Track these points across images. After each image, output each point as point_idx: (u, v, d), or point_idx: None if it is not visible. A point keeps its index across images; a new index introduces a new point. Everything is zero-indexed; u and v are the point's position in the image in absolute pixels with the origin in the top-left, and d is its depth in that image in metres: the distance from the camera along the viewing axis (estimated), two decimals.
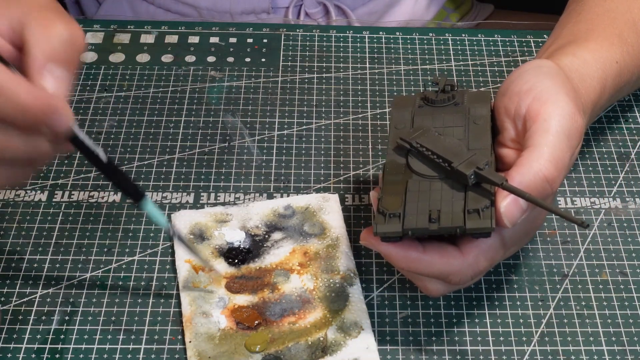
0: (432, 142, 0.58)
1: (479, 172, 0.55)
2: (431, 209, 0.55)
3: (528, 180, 0.55)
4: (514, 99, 0.59)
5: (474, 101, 0.62)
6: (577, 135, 0.58)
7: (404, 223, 0.55)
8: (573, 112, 0.58)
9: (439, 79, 0.63)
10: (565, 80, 0.61)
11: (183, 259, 0.64)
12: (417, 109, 0.62)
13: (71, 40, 0.52)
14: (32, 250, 0.66)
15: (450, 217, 0.54)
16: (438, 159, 0.57)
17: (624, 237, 0.68)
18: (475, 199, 0.55)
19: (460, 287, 0.60)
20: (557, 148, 0.56)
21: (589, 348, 0.61)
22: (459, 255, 0.56)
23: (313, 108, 0.79)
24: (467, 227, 0.54)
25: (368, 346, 0.59)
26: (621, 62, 0.68)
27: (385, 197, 0.56)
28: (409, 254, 0.56)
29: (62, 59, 0.52)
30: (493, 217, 0.54)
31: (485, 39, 0.86)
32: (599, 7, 0.72)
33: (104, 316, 0.62)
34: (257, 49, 0.84)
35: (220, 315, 0.61)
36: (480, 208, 0.54)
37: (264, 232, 0.66)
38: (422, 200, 0.56)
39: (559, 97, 0.58)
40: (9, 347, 0.60)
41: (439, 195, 0.56)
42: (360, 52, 0.85)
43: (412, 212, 0.55)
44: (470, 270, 0.57)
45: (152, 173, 0.72)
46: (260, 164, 0.73)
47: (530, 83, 0.60)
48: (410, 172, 0.58)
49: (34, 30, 0.52)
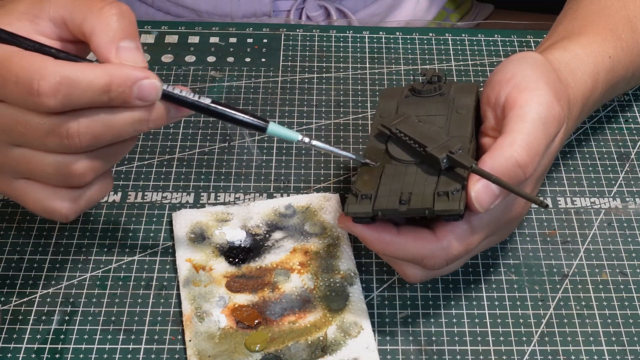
0: (411, 128, 0.59)
1: (451, 155, 0.56)
2: (403, 191, 0.56)
3: (499, 165, 0.55)
4: (495, 88, 0.60)
5: (460, 92, 0.63)
6: (554, 123, 0.58)
7: (375, 204, 0.56)
8: (551, 100, 0.58)
9: (426, 71, 0.64)
10: (548, 71, 0.61)
11: (183, 258, 0.64)
12: (403, 99, 0.64)
13: (122, 14, 0.54)
14: (32, 250, 0.66)
15: (420, 199, 0.55)
16: (415, 144, 0.58)
17: (624, 237, 0.68)
18: (446, 182, 0.56)
19: (436, 273, 0.60)
20: (531, 134, 0.56)
21: (589, 348, 0.61)
22: (433, 239, 0.57)
23: (313, 108, 0.79)
24: (436, 209, 0.54)
25: (368, 346, 0.59)
26: (614, 57, 0.68)
27: (360, 179, 0.58)
28: (382, 236, 0.57)
29: (124, 33, 0.53)
30: (462, 200, 0.55)
31: (485, 39, 0.86)
32: (595, 4, 0.72)
33: (104, 316, 0.62)
34: (257, 49, 0.84)
35: (221, 315, 0.61)
36: (450, 191, 0.55)
37: (264, 232, 0.66)
38: (395, 183, 0.57)
39: (538, 86, 0.58)
40: (9, 347, 0.60)
41: (412, 178, 0.57)
42: (360, 52, 0.85)
43: (384, 194, 0.56)
44: (443, 254, 0.57)
45: (152, 173, 0.72)
46: (260, 164, 0.73)
47: (512, 72, 0.60)
48: (388, 158, 0.59)
49: (88, 20, 0.53)
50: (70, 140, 0.52)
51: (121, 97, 0.51)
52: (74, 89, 0.50)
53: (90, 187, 0.55)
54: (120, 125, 0.53)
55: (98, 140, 0.52)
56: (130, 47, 0.53)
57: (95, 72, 0.51)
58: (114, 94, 0.51)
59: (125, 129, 0.53)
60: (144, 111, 0.53)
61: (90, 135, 0.52)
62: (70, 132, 0.51)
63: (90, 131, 0.52)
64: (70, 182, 0.54)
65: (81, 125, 0.52)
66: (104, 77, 0.51)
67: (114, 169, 0.72)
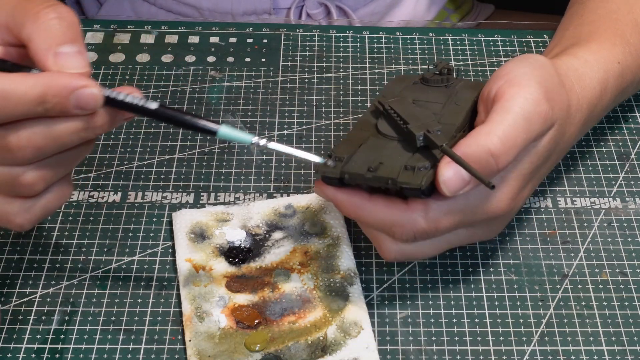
0: (402, 107, 0.61)
1: (427, 134, 0.57)
2: (375, 160, 0.57)
3: (471, 151, 0.55)
4: (490, 84, 0.60)
5: (465, 87, 0.64)
6: (538, 121, 0.58)
7: (344, 166, 0.57)
8: (539, 98, 0.58)
9: (439, 62, 0.65)
10: (547, 72, 0.61)
11: (183, 258, 0.64)
12: (410, 85, 0.65)
13: (61, 17, 0.52)
14: (32, 250, 0.66)
15: (387, 170, 0.56)
16: (400, 120, 0.59)
17: (624, 237, 0.68)
18: (418, 159, 0.57)
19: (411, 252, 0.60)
20: (510, 127, 0.56)
21: (589, 348, 0.61)
22: (403, 208, 0.57)
23: (313, 108, 0.79)
24: (398, 180, 0.56)
25: (368, 346, 0.59)
26: (623, 63, 0.68)
27: (341, 144, 0.59)
28: (353, 199, 0.58)
29: (64, 37, 0.51)
30: (426, 177, 0.55)
31: (485, 39, 0.86)
32: (601, 8, 0.72)
33: (104, 316, 0.62)
34: (257, 49, 0.84)
35: (221, 315, 0.61)
36: (417, 166, 0.56)
37: (264, 232, 0.66)
38: (371, 154, 0.58)
39: (529, 83, 0.58)
40: (9, 347, 0.60)
41: (389, 152, 0.58)
42: (360, 52, 0.85)
43: (357, 160, 0.58)
44: (411, 225, 0.57)
45: (152, 173, 0.72)
46: (260, 164, 0.73)
47: (508, 69, 0.60)
48: (375, 132, 0.61)
49: (26, 25, 0.52)
50: (12, 154, 0.50)
51: (57, 107, 0.50)
52: (6, 102, 0.49)
53: (45, 196, 0.54)
54: (63, 135, 0.51)
55: (42, 151, 0.51)
56: (69, 52, 0.51)
57: (28, 82, 0.49)
58: (50, 104, 0.50)
59: (70, 138, 0.51)
60: (86, 120, 0.51)
61: (32, 147, 0.50)
62: (10, 145, 0.50)
63: (31, 143, 0.50)
64: (21, 193, 0.53)
65: (21, 138, 0.50)
66: (38, 88, 0.49)
67: (113, 169, 0.72)
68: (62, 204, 0.56)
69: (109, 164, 0.73)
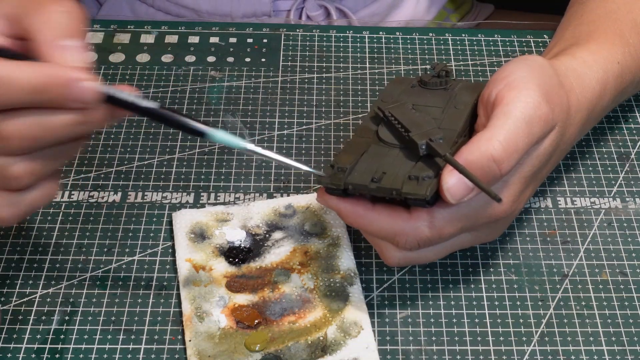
0: (402, 114, 0.60)
1: (429, 143, 0.57)
2: (378, 170, 0.57)
3: (474, 158, 0.55)
4: (489, 87, 0.60)
5: (464, 89, 0.64)
6: (539, 124, 0.58)
7: (348, 177, 0.57)
8: (538, 101, 0.58)
9: (436, 64, 0.65)
10: (546, 74, 0.61)
11: (183, 258, 0.64)
12: (408, 88, 0.64)
13: (68, 11, 0.52)
14: (32, 250, 0.66)
15: (391, 180, 0.56)
16: (401, 128, 0.59)
17: (624, 237, 0.68)
18: (421, 168, 0.57)
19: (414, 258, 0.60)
20: (511, 132, 0.56)
21: (589, 348, 0.61)
22: (406, 217, 0.57)
23: (313, 108, 0.79)
24: (403, 191, 0.55)
25: (368, 346, 0.59)
26: (623, 63, 0.68)
27: (342, 153, 0.59)
28: (356, 209, 0.58)
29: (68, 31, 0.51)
30: (431, 187, 0.55)
31: (485, 39, 0.86)
32: (601, 8, 0.72)
33: (104, 316, 0.62)
34: (257, 49, 0.84)
35: (220, 315, 0.61)
36: (421, 176, 0.56)
37: (264, 232, 0.66)
38: (374, 163, 0.58)
39: (528, 86, 0.58)
40: (9, 347, 0.60)
41: (391, 160, 0.58)
42: (360, 52, 0.85)
43: (359, 169, 0.58)
44: (415, 234, 0.57)
45: (152, 173, 0.72)
46: (260, 164, 0.73)
47: (508, 72, 0.60)
48: (376, 139, 0.60)
49: (32, 16, 0.52)
50: (5, 142, 0.50)
51: (57, 98, 0.50)
52: (8, 88, 0.49)
53: (32, 191, 0.53)
54: (58, 127, 0.51)
55: (36, 142, 0.51)
56: (72, 46, 0.51)
57: (31, 70, 0.49)
58: (50, 94, 0.50)
59: (63, 131, 0.51)
60: (82, 113, 0.51)
61: (26, 137, 0.50)
62: (5, 133, 0.50)
63: (25, 133, 0.50)
64: (8, 185, 0.52)
65: (16, 126, 0.50)
66: (41, 77, 0.49)
67: (113, 169, 0.72)
68: (48, 202, 0.55)
69: (109, 164, 0.73)
